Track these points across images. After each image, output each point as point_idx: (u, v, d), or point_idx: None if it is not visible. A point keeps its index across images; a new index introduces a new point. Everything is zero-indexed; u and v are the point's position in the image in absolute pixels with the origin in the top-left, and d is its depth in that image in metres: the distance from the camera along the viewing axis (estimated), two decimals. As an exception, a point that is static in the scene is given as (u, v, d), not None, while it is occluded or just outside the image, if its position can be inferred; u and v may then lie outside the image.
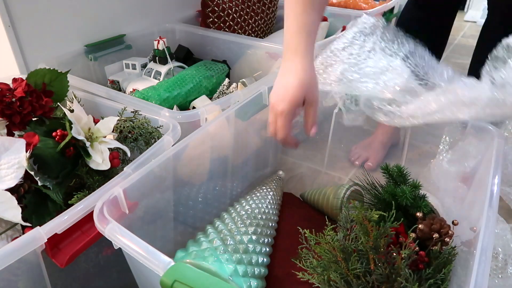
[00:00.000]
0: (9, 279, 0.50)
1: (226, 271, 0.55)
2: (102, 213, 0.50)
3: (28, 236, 0.48)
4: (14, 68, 0.92)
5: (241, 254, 0.59)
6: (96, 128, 0.65)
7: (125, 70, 1.11)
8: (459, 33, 2.33)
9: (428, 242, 0.56)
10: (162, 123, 0.72)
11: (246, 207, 0.71)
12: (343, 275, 0.51)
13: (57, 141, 0.60)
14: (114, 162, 0.62)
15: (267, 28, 1.43)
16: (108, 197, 0.53)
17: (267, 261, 0.64)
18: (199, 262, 0.55)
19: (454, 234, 0.56)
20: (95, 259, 0.63)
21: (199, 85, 1.02)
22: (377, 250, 0.51)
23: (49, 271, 0.54)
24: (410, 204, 0.62)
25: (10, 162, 0.55)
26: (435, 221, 0.58)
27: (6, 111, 0.64)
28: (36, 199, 0.57)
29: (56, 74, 0.73)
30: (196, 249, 0.58)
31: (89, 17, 1.06)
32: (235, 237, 0.62)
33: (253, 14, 1.35)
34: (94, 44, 1.08)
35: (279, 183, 0.87)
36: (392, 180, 0.67)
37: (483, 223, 0.50)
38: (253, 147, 0.89)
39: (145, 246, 0.46)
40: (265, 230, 0.68)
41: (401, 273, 0.49)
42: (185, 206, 0.72)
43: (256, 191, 0.79)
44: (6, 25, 0.87)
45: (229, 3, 1.28)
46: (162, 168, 0.61)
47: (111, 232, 0.48)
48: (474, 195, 0.68)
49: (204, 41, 1.24)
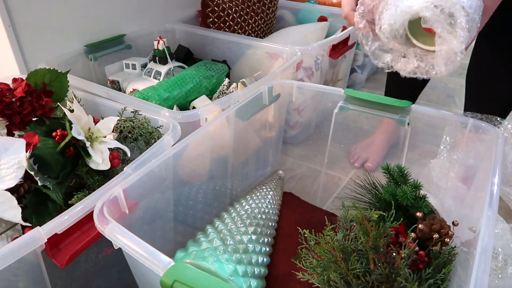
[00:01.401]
0: (9, 279, 0.50)
1: (226, 271, 0.55)
2: (102, 213, 0.50)
3: (28, 236, 0.48)
4: (14, 68, 0.92)
5: (241, 254, 0.59)
6: (96, 128, 0.65)
7: (125, 70, 1.11)
8: (459, 33, 2.33)
9: (428, 243, 0.56)
10: (162, 123, 0.72)
11: (246, 206, 0.71)
12: (342, 275, 0.51)
13: (57, 141, 0.60)
14: (114, 162, 0.62)
15: (267, 28, 1.43)
16: (108, 197, 0.53)
17: (267, 261, 0.64)
18: (199, 262, 0.55)
19: (454, 234, 0.57)
20: (95, 259, 0.63)
21: (199, 85, 1.02)
22: (377, 250, 0.51)
23: (49, 271, 0.54)
24: (411, 204, 0.62)
25: (10, 162, 0.55)
26: (436, 222, 0.58)
27: (6, 111, 0.64)
28: (36, 199, 0.57)
29: (56, 74, 0.73)
30: (196, 249, 0.58)
31: (89, 17, 1.06)
32: (235, 237, 0.62)
33: (253, 14, 1.35)
34: (94, 44, 1.08)
35: (279, 183, 0.87)
36: (392, 180, 0.67)
37: (483, 223, 0.50)
38: (253, 147, 0.89)
39: (145, 246, 0.46)
40: (265, 230, 0.68)
41: (400, 272, 0.49)
42: (185, 206, 0.72)
43: (256, 190, 0.79)
44: (6, 25, 0.88)
45: (229, 3, 1.28)
46: (162, 168, 0.61)
47: (111, 232, 0.48)
48: (474, 195, 0.68)
49: (204, 41, 1.24)
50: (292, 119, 1.14)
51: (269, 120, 0.90)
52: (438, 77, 0.68)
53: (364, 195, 0.71)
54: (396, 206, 0.63)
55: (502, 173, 0.60)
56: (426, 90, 1.60)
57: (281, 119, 0.96)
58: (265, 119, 0.89)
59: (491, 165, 0.61)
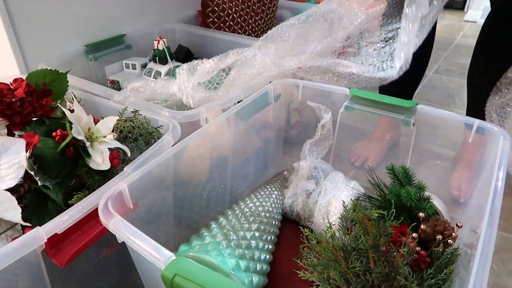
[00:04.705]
0: (9, 279, 0.50)
1: (228, 265, 0.55)
2: (107, 207, 0.51)
3: (28, 236, 0.48)
4: (14, 68, 0.92)
5: (244, 250, 0.59)
6: (96, 128, 0.65)
7: (125, 70, 1.11)
8: (459, 33, 2.33)
9: (432, 244, 0.56)
10: (162, 123, 0.72)
11: (250, 204, 0.71)
12: (342, 274, 0.51)
13: (57, 141, 0.60)
14: (114, 162, 0.62)
15: (267, 28, 1.43)
16: (113, 192, 0.53)
17: (269, 258, 0.65)
18: (202, 255, 0.55)
19: (457, 236, 0.56)
20: (95, 259, 0.63)
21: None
22: (377, 248, 0.51)
23: (49, 271, 0.53)
24: (415, 205, 0.62)
25: (10, 162, 0.55)
26: (439, 223, 0.58)
27: (6, 111, 0.64)
28: (36, 199, 0.57)
29: (56, 74, 0.73)
30: (199, 243, 0.59)
31: (89, 17, 1.06)
32: (238, 233, 0.62)
33: (253, 14, 1.35)
34: (94, 44, 1.08)
35: (283, 183, 0.87)
36: (397, 181, 0.67)
37: (484, 224, 0.50)
38: (253, 147, 0.89)
39: (147, 240, 0.46)
40: (268, 228, 0.68)
41: (400, 271, 0.49)
42: (185, 207, 0.72)
43: (261, 190, 0.80)
44: (6, 25, 0.87)
45: (229, 3, 1.28)
46: (162, 168, 0.61)
47: (115, 226, 0.49)
48: (478, 196, 0.67)
49: (204, 41, 1.24)
50: (292, 119, 1.14)
51: (269, 120, 0.90)
52: (438, 77, 0.71)
53: (368, 195, 0.71)
54: (400, 207, 0.62)
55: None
56: (426, 90, 1.60)
57: (282, 119, 0.96)
58: (265, 119, 0.89)
59: (495, 166, 0.60)
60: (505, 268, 0.83)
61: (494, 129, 0.69)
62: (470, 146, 0.75)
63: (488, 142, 0.70)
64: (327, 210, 0.71)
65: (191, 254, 0.56)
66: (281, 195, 0.81)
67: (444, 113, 0.74)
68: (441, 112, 0.74)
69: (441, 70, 1.79)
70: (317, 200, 0.73)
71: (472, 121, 0.71)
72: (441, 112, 0.74)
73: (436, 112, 0.74)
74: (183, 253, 0.57)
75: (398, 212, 0.61)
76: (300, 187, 0.78)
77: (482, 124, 0.70)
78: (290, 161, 1.10)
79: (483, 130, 0.70)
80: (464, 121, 0.72)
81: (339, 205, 0.69)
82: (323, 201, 0.72)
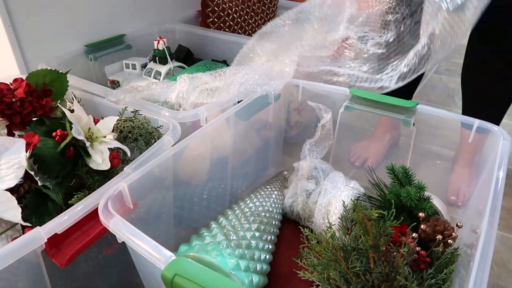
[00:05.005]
0: (9, 279, 0.50)
1: (228, 265, 0.55)
2: (107, 207, 0.51)
3: (28, 236, 0.48)
4: (14, 68, 0.92)
5: (244, 250, 0.59)
6: (96, 128, 0.65)
7: (125, 70, 1.11)
8: (459, 33, 2.33)
9: (432, 244, 0.56)
10: (162, 123, 0.72)
11: (250, 204, 0.71)
12: (342, 274, 0.51)
13: (57, 141, 0.60)
14: (114, 162, 0.62)
15: (267, 28, 1.43)
16: (113, 192, 0.53)
17: (269, 258, 0.65)
18: (202, 255, 0.55)
19: (458, 236, 0.56)
20: (95, 259, 0.63)
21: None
22: (377, 249, 0.51)
23: (49, 271, 0.53)
24: (415, 205, 0.62)
25: (10, 162, 0.55)
26: (439, 223, 0.58)
27: (6, 111, 0.64)
28: (36, 199, 0.57)
29: (57, 74, 0.73)
30: (199, 243, 0.59)
31: (89, 17, 1.06)
32: (238, 233, 0.62)
33: (253, 14, 1.35)
34: (94, 44, 1.08)
35: (283, 183, 0.87)
36: (397, 181, 0.67)
37: (485, 224, 0.50)
38: (253, 147, 0.89)
39: (147, 240, 0.46)
40: (268, 228, 0.68)
41: (400, 271, 0.49)
42: (185, 207, 0.72)
43: (261, 190, 0.80)
44: (6, 25, 0.87)
45: (229, 3, 1.28)
46: (162, 168, 0.61)
47: (115, 226, 0.49)
48: (478, 196, 0.67)
49: (204, 41, 1.24)
50: (292, 119, 1.14)
51: (269, 120, 0.90)
52: (438, 77, 0.72)
53: (368, 195, 0.71)
54: (400, 207, 0.62)
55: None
56: (426, 90, 1.60)
57: (282, 119, 0.96)
58: (265, 119, 0.89)
59: (495, 166, 0.60)
60: (505, 268, 0.83)
61: (494, 129, 0.69)
62: (470, 146, 0.75)
63: (488, 142, 0.70)
64: (327, 210, 0.71)
65: (191, 254, 0.56)
66: (281, 195, 0.81)
67: (444, 113, 0.74)
68: (441, 112, 0.74)
69: (441, 70, 1.78)
70: (317, 200, 0.73)
71: (472, 121, 0.71)
72: (441, 112, 0.74)
73: (436, 112, 0.74)
74: (183, 253, 0.57)
75: (398, 212, 0.61)
76: (300, 187, 0.78)
77: (482, 124, 0.70)
78: (290, 161, 1.10)
79: (483, 130, 0.70)
80: (464, 121, 0.72)
81: (339, 205, 0.69)
82: (323, 201, 0.72)
